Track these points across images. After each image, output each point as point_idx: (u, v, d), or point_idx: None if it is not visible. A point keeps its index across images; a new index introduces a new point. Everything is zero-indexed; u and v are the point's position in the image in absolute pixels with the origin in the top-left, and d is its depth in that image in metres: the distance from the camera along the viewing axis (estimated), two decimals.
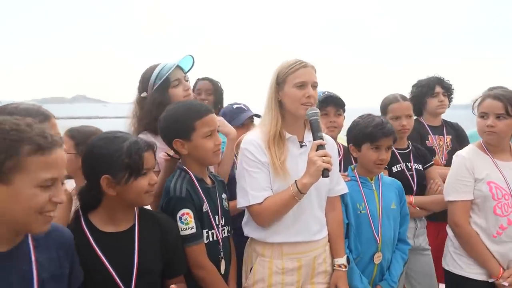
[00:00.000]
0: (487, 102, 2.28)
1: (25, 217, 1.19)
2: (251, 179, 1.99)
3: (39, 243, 1.33)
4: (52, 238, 1.37)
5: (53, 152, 1.20)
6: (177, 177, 1.95)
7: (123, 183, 1.60)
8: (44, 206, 1.20)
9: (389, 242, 2.36)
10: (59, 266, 1.36)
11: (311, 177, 1.89)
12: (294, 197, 1.92)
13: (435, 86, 3.22)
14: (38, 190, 1.18)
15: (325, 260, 2.15)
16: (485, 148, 2.35)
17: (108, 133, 1.70)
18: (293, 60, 2.05)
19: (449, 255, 2.41)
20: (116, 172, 1.59)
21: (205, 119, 1.94)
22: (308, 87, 2.00)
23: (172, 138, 1.95)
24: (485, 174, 2.27)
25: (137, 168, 1.61)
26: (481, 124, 2.29)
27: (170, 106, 2.05)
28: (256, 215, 2.01)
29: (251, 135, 2.09)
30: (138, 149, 1.62)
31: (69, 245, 1.44)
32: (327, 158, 1.88)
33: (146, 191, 1.66)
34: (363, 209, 2.32)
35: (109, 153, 1.60)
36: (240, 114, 2.65)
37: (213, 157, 1.98)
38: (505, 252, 2.26)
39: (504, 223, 2.23)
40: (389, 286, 2.35)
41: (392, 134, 2.33)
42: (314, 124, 1.97)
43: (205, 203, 1.94)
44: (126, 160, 1.58)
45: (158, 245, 1.73)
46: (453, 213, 2.33)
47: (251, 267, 2.09)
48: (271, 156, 1.99)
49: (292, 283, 2.06)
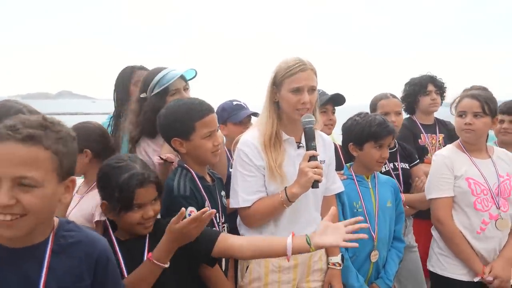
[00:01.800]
0: (465, 101, 2.36)
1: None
2: (244, 182, 1.98)
3: (61, 249, 1.22)
4: (80, 247, 1.25)
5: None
6: (179, 175, 1.92)
7: (116, 213, 1.65)
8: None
9: (385, 240, 2.37)
10: (77, 280, 1.23)
11: (301, 187, 1.89)
12: (283, 204, 1.93)
13: (428, 84, 3.23)
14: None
15: (321, 258, 2.16)
16: (463, 147, 2.41)
17: (115, 160, 1.73)
18: (293, 61, 1.97)
19: (435, 256, 2.43)
20: (111, 202, 1.65)
21: (205, 119, 1.90)
22: (304, 93, 1.94)
23: (171, 137, 1.93)
24: (464, 171, 2.32)
25: (127, 204, 1.63)
26: (460, 122, 2.36)
27: (171, 103, 2.02)
28: (244, 217, 2.03)
29: (247, 135, 2.06)
30: (129, 186, 1.62)
31: (97, 257, 1.28)
32: (318, 170, 1.86)
33: (138, 223, 1.67)
34: (359, 208, 2.33)
35: (108, 183, 1.66)
36: (239, 111, 2.63)
37: (212, 157, 1.96)
38: (491, 249, 2.30)
39: (486, 218, 2.27)
40: (385, 285, 2.36)
41: (394, 132, 2.38)
42: (308, 132, 1.94)
43: (207, 201, 1.92)
44: (117, 194, 1.62)
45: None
46: (436, 210, 2.37)
47: (247, 266, 2.07)
48: (268, 159, 1.97)
49: (288, 281, 2.05)
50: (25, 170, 1.07)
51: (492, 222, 2.27)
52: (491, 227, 2.27)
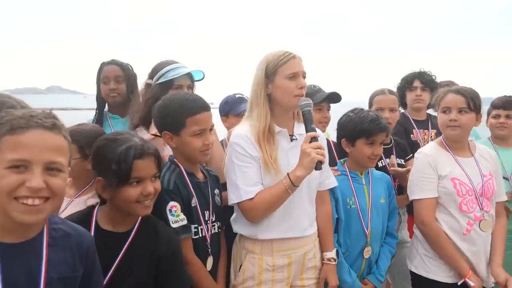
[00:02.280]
0: (450, 97, 2.27)
1: (1, 201, 1.14)
2: (242, 173, 1.94)
3: (55, 242, 1.28)
4: (71, 240, 1.33)
5: (26, 133, 1.13)
6: (167, 170, 1.90)
7: (113, 188, 1.56)
8: (15, 190, 1.12)
9: (378, 236, 2.37)
10: (72, 269, 1.30)
11: (304, 169, 1.85)
12: (287, 190, 1.89)
13: (414, 80, 3.23)
14: (7, 171, 1.12)
15: (315, 256, 2.14)
16: (446, 145, 2.33)
17: (110, 135, 1.66)
18: (281, 51, 1.99)
19: (418, 257, 2.34)
20: (108, 177, 1.56)
21: (196, 117, 1.87)
22: (300, 78, 1.98)
23: (162, 129, 1.93)
24: (448, 171, 2.25)
25: (124, 177, 1.55)
26: (444, 118, 2.27)
27: (168, 95, 2.02)
28: (247, 211, 1.96)
29: (240, 129, 2.03)
30: (128, 156, 1.54)
31: (86, 249, 1.37)
32: (321, 150, 1.85)
33: (136, 200, 1.58)
34: (352, 204, 2.32)
35: (104, 157, 1.57)
36: (240, 104, 2.62)
37: (200, 156, 1.92)
38: (477, 250, 2.23)
39: (471, 220, 2.21)
40: (376, 280, 2.37)
41: (386, 129, 2.34)
42: (307, 115, 1.93)
43: (194, 198, 1.90)
44: (114, 167, 1.54)
45: (149, 254, 1.65)
46: (419, 211, 2.28)
47: (240, 265, 2.05)
48: (263, 153, 1.94)
49: (282, 280, 2.04)
50: (54, 156, 1.17)
51: (476, 223, 2.22)
52: (476, 228, 2.22)
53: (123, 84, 2.85)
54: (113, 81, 2.84)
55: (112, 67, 2.87)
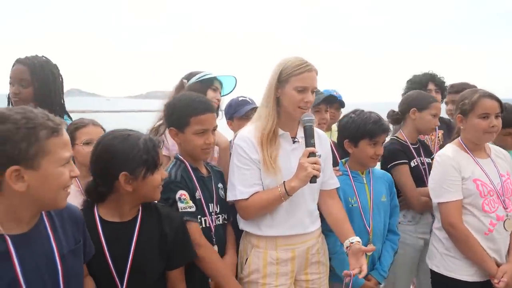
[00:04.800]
0: (488, 103, 2.27)
1: (55, 195, 1.30)
2: (241, 175, 2.06)
3: (53, 222, 1.42)
4: (64, 216, 1.47)
5: (61, 133, 1.31)
6: (173, 165, 2.08)
7: (140, 178, 1.67)
8: (67, 182, 1.32)
9: (379, 234, 2.44)
10: (74, 241, 1.46)
11: (300, 181, 1.96)
12: (281, 198, 2.00)
13: (428, 83, 3.28)
14: (62, 168, 1.30)
15: (318, 251, 2.22)
16: (465, 147, 2.36)
17: (119, 132, 1.73)
18: (299, 60, 2.04)
19: (439, 256, 2.38)
20: (134, 169, 1.65)
21: (200, 117, 2.01)
22: (308, 93, 2.03)
23: (169, 125, 2.10)
24: (471, 172, 2.28)
25: (154, 163, 1.70)
26: (484, 124, 2.26)
27: (178, 95, 2.20)
28: (241, 209, 2.10)
29: (244, 131, 2.14)
30: (154, 145, 1.71)
31: (80, 219, 1.54)
32: (317, 166, 1.94)
33: (159, 185, 1.76)
34: (354, 203, 2.39)
35: (126, 151, 1.66)
36: (243, 106, 2.74)
37: (201, 154, 2.07)
38: (498, 249, 2.28)
39: (494, 220, 2.25)
40: (380, 276, 2.43)
41: (388, 130, 2.43)
42: (308, 130, 2.02)
43: (198, 191, 2.04)
44: (144, 156, 1.66)
45: (158, 235, 1.79)
46: (447, 214, 2.28)
47: (246, 258, 2.15)
48: (263, 153, 2.04)
49: (286, 273, 2.13)
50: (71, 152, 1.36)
51: (500, 223, 2.26)
52: (498, 228, 2.26)
53: (30, 89, 2.42)
54: (17, 84, 2.44)
55: (18, 68, 2.44)
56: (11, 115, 1.22)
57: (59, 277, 1.35)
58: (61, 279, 1.35)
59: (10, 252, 1.26)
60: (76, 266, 1.44)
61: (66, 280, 1.37)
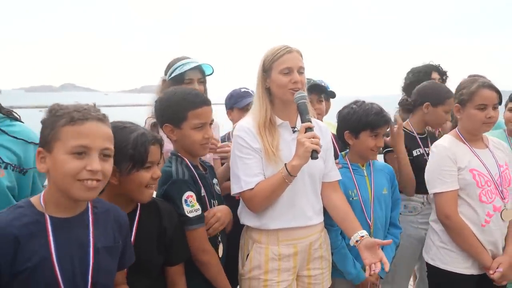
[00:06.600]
0: (486, 93, 2.25)
1: (62, 181, 1.32)
2: (244, 165, 2.02)
3: (97, 217, 1.46)
4: (110, 215, 1.52)
5: (85, 124, 1.33)
6: (175, 162, 1.98)
7: (125, 173, 1.64)
8: (78, 173, 1.31)
9: (381, 227, 2.40)
10: (113, 240, 1.49)
11: (300, 158, 1.91)
12: (285, 180, 1.95)
13: (432, 72, 3.23)
14: (70, 157, 1.31)
15: (321, 246, 2.18)
16: (462, 138, 2.34)
17: (117, 123, 1.71)
18: (278, 46, 2.06)
19: (435, 249, 2.37)
20: (120, 162, 1.60)
21: (198, 110, 1.95)
22: (294, 73, 2.01)
23: (163, 122, 2.00)
24: (467, 162, 2.26)
25: (141, 160, 1.65)
26: (481, 115, 2.24)
27: (170, 89, 2.09)
28: (248, 200, 2.04)
29: (243, 122, 2.11)
30: (145, 141, 1.65)
31: (124, 224, 1.57)
32: (315, 139, 1.90)
33: (147, 184, 1.69)
34: (355, 196, 2.36)
35: (115, 143, 1.60)
36: (244, 98, 2.69)
37: (200, 149, 2.00)
38: (494, 241, 2.27)
39: (491, 210, 2.23)
40: (382, 270, 2.39)
41: (390, 121, 2.39)
42: (301, 106, 1.99)
43: (202, 189, 1.98)
44: (131, 151, 1.62)
45: (157, 228, 1.76)
46: (442, 205, 2.28)
47: (247, 254, 2.12)
48: (264, 142, 2.01)
49: (288, 269, 2.09)
50: (108, 143, 1.38)
51: (496, 214, 2.24)
52: (495, 219, 2.24)
53: None
54: None
55: None
56: (54, 107, 1.37)
57: (89, 269, 1.38)
58: (90, 271, 1.38)
59: (47, 230, 1.33)
60: (108, 264, 1.46)
61: (96, 273, 1.39)
